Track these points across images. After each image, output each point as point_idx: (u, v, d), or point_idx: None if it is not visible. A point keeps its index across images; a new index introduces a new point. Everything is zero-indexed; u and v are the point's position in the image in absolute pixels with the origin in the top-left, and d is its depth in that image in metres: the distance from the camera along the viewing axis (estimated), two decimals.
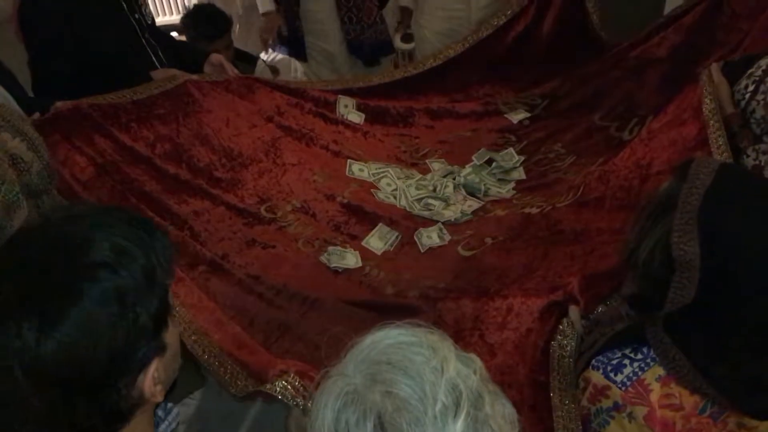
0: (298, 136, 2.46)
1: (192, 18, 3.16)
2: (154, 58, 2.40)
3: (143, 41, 2.37)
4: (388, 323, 0.95)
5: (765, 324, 1.17)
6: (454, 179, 2.44)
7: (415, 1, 3.35)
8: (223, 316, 1.83)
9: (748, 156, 1.70)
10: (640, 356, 1.24)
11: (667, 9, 2.98)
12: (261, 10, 3.17)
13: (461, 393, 0.86)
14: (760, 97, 1.78)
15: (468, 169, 2.50)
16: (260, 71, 3.40)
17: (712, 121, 1.78)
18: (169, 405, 1.05)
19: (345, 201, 2.31)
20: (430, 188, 2.39)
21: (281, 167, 2.37)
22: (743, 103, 1.83)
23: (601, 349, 1.31)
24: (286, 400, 1.39)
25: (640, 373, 1.22)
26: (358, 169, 2.44)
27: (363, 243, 2.20)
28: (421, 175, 2.46)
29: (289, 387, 1.39)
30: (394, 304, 1.95)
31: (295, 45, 3.35)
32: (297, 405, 1.38)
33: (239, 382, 1.51)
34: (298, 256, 2.12)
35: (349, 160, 2.46)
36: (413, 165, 2.53)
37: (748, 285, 1.12)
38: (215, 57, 2.49)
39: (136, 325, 0.86)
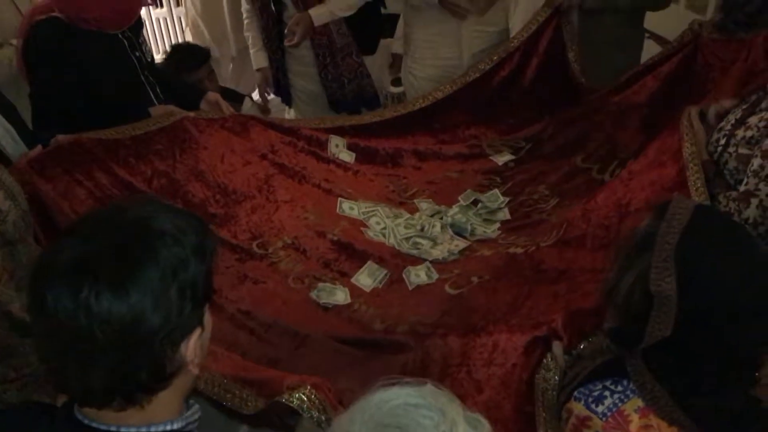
0: (291, 174, 2.53)
1: (173, 55, 3.53)
2: (152, 95, 2.47)
3: (142, 78, 2.43)
4: (393, 379, 1.00)
5: (739, 358, 1.24)
6: (441, 219, 2.51)
7: (404, 55, 3.41)
8: (218, 349, 1.87)
9: (719, 203, 1.78)
10: (620, 388, 1.29)
11: (644, 58, 3.12)
12: (255, 66, 3.31)
13: None
14: (731, 149, 1.86)
15: (455, 209, 2.57)
16: (247, 109, 3.52)
17: (691, 164, 1.85)
18: (191, 401, 1.11)
19: (335, 238, 2.37)
20: (419, 228, 2.45)
21: (274, 204, 2.43)
22: (716, 155, 1.92)
23: (582, 381, 1.37)
24: (302, 412, 1.43)
25: (620, 404, 1.28)
26: (349, 208, 2.50)
27: (352, 280, 2.25)
28: (409, 215, 2.53)
29: (305, 399, 1.44)
30: (382, 340, 1.99)
31: (283, 91, 3.44)
32: (312, 417, 1.43)
33: (250, 404, 1.53)
34: (289, 292, 2.16)
35: (339, 199, 2.53)
36: (402, 204, 2.60)
37: (723, 321, 1.19)
38: (211, 95, 2.56)
39: (187, 287, 0.96)
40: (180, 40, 4.89)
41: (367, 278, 2.26)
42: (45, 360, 1.00)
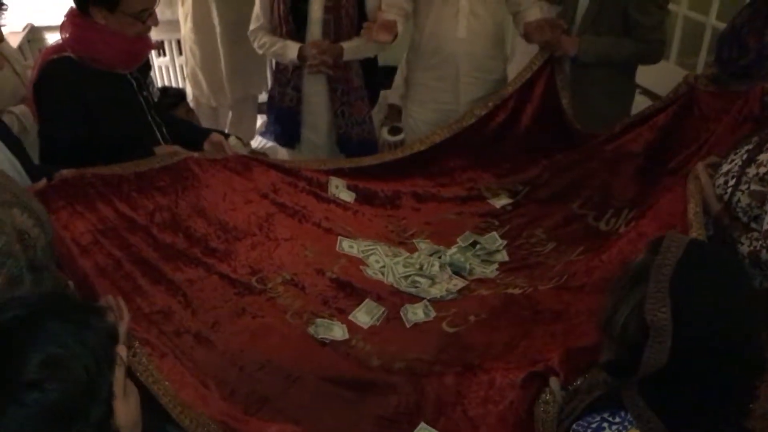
0: (291, 213, 2.56)
1: None
2: (158, 135, 2.50)
3: (149, 118, 2.48)
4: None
5: (734, 389, 1.26)
6: (440, 258, 2.53)
7: (403, 98, 3.47)
8: (206, 391, 1.87)
9: (742, 244, 1.81)
10: (618, 419, 1.30)
11: (634, 108, 3.20)
12: (290, 55, 3.14)
13: None
14: (743, 187, 1.88)
15: (453, 249, 2.60)
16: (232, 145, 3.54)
17: (695, 224, 1.86)
18: None
19: (334, 276, 2.39)
20: (417, 266, 2.47)
21: (274, 242, 2.46)
22: (726, 197, 1.95)
23: (580, 414, 1.38)
24: None
25: None
26: (348, 246, 2.52)
27: (350, 317, 2.26)
28: (408, 254, 2.55)
29: None
30: (377, 380, 1.99)
31: (289, 130, 3.41)
32: None
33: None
34: (287, 327, 2.17)
35: (339, 237, 2.55)
36: (401, 244, 2.63)
37: (717, 352, 1.21)
38: (215, 136, 2.60)
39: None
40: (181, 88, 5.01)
41: (365, 315, 2.27)
42: None
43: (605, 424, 1.30)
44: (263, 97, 4.53)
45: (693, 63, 4.10)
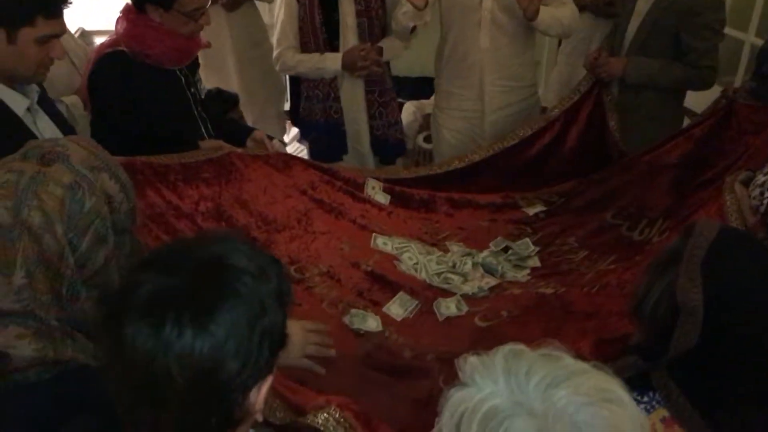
0: (329, 209, 2.63)
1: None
2: (203, 130, 2.60)
3: (195, 113, 2.58)
4: None
5: (762, 374, 1.28)
6: (472, 258, 2.58)
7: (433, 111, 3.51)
8: None
9: None
10: (646, 399, 1.32)
11: None
12: (333, 66, 3.16)
13: None
14: None
15: (486, 252, 2.64)
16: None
17: None
18: None
19: (369, 269, 2.45)
20: (450, 264, 2.53)
21: (311, 235, 2.53)
22: (762, 208, 1.96)
23: None
24: None
25: (646, 414, 1.31)
26: (383, 243, 2.59)
27: (384, 309, 2.32)
28: (441, 253, 2.60)
29: (330, 419, 1.48)
30: (411, 365, 2.04)
31: (337, 143, 3.37)
32: None
33: (278, 414, 1.58)
34: (323, 316, 2.23)
35: (374, 234, 2.61)
36: (433, 245, 2.68)
37: (748, 334, 1.24)
38: (258, 133, 2.68)
39: (267, 333, 0.93)
40: None
41: (398, 308, 2.32)
42: (117, 400, 0.94)
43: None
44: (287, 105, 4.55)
45: (730, 81, 4.08)
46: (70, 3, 1.88)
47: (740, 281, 1.25)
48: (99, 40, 4.29)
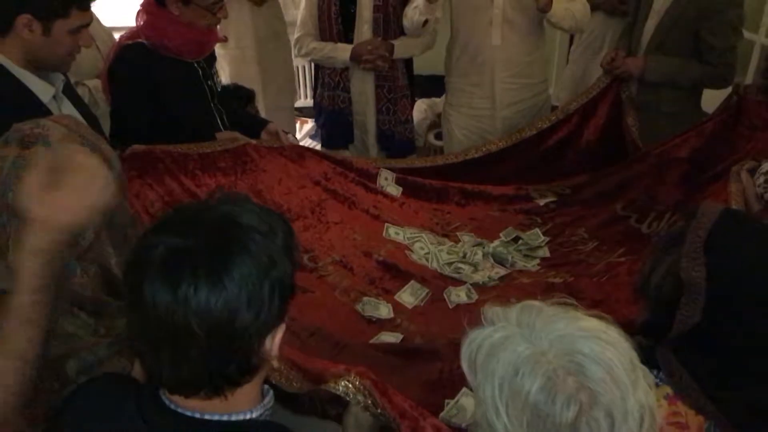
0: (342, 200, 2.69)
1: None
2: (219, 122, 2.65)
3: (212, 106, 2.63)
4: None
5: (763, 351, 1.31)
6: (483, 248, 2.62)
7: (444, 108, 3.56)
8: None
9: None
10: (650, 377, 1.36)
11: None
12: (343, 57, 3.25)
13: None
14: None
15: (496, 242, 2.68)
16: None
17: None
18: (265, 387, 1.15)
19: (381, 259, 2.50)
20: (461, 254, 2.57)
21: (325, 224, 2.59)
22: (766, 195, 1.99)
23: None
24: (347, 398, 1.51)
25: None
26: (395, 233, 2.64)
27: (395, 297, 2.37)
28: (452, 243, 2.65)
29: (350, 386, 1.51)
30: (422, 347, 2.08)
31: (343, 131, 3.46)
32: (358, 402, 1.50)
33: (295, 384, 1.61)
34: (335, 303, 2.28)
35: (386, 224, 2.67)
36: (444, 236, 2.73)
37: (749, 310, 1.27)
38: (272, 126, 2.74)
39: (278, 284, 0.99)
40: None
41: (409, 296, 2.37)
42: (139, 350, 1.03)
43: None
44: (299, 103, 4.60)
45: (740, 81, 4.09)
46: None
47: (742, 258, 1.28)
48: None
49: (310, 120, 5.03)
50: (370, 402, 1.50)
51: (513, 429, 0.94)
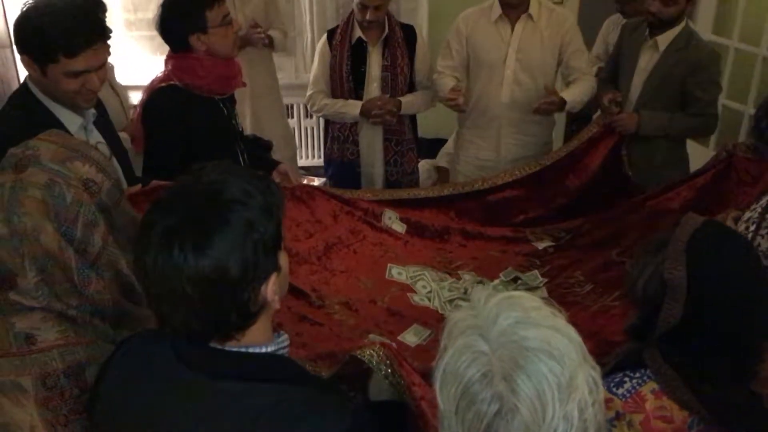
0: (347, 245, 2.83)
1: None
2: (241, 161, 2.78)
3: (236, 146, 2.77)
4: None
5: (742, 349, 1.40)
6: (483, 286, 2.71)
7: (452, 156, 3.79)
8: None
9: None
10: (638, 374, 1.44)
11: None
12: (353, 112, 3.46)
13: None
14: (763, 231, 2.04)
15: (496, 281, 2.78)
16: None
17: None
18: (281, 332, 1.29)
19: (385, 306, 2.61)
20: (462, 290, 2.67)
21: (331, 272, 2.72)
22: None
23: (604, 375, 1.52)
24: (372, 366, 1.66)
25: (638, 387, 1.43)
26: (397, 273, 2.77)
27: (399, 337, 2.45)
28: (453, 279, 2.76)
29: (375, 355, 1.66)
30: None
31: (350, 181, 3.57)
32: (380, 371, 1.65)
33: (324, 374, 1.74)
34: (343, 336, 2.37)
35: (389, 265, 2.79)
36: (447, 273, 2.84)
37: (727, 309, 1.38)
38: (283, 167, 2.87)
39: (260, 242, 1.13)
40: None
41: (412, 336, 2.46)
42: (155, 310, 1.19)
43: (626, 378, 1.45)
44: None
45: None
46: (94, 46, 1.98)
47: (720, 261, 1.40)
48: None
49: (316, 179, 5.19)
50: (390, 372, 1.65)
51: (447, 407, 1.04)
